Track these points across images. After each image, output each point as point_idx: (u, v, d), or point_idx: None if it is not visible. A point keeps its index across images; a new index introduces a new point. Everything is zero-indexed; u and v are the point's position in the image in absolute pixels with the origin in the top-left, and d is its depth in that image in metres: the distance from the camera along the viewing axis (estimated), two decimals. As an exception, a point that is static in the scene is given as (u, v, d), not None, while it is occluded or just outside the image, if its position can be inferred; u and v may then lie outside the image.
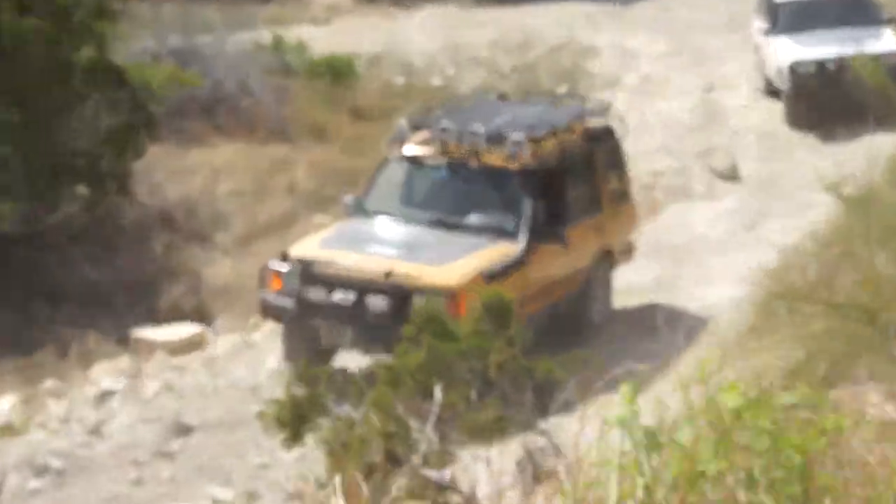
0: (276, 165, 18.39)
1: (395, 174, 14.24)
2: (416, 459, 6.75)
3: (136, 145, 16.14)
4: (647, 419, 3.50)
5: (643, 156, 18.03)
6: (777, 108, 19.97)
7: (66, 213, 16.39)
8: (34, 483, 10.98)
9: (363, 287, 12.77)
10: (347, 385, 7.85)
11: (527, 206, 13.63)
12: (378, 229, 13.76)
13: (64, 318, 14.26)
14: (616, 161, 14.94)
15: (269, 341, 13.87)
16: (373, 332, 12.60)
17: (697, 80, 21.38)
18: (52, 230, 16.30)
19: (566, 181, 14.14)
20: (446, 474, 6.65)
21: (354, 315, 12.71)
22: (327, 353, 13.19)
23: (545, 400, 7.03)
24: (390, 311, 12.56)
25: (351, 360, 12.77)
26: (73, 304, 13.97)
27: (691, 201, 18.10)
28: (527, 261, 13.39)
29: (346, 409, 6.92)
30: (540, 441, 7.22)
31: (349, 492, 6.67)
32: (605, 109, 15.09)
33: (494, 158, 13.69)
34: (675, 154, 19.17)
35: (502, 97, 15.95)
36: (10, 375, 13.07)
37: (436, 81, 21.92)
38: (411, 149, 14.03)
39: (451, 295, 12.47)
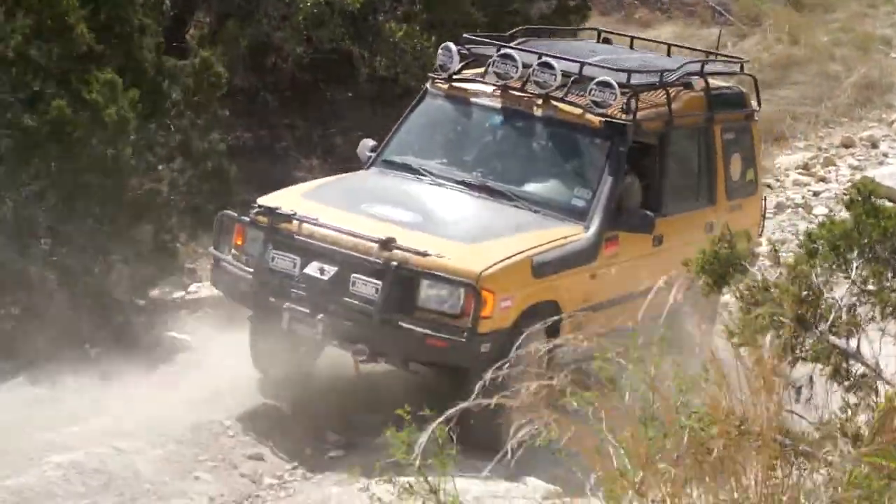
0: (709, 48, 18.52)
1: (431, 115, 10.64)
2: (824, 326, 7.07)
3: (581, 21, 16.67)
4: None
5: None
6: None
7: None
8: None
9: (349, 260, 9.17)
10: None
11: (608, 176, 9.87)
12: (394, 185, 10.12)
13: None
14: (743, 138, 11.32)
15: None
16: (353, 327, 9.10)
17: None
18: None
19: (669, 154, 10.42)
20: (853, 343, 6.96)
21: (331, 297, 9.14)
22: (310, 354, 10.02)
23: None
24: (383, 300, 8.98)
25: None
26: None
27: None
28: (597, 253, 9.79)
29: (762, 271, 7.30)
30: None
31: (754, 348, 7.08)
32: (736, 68, 11.84)
33: (571, 107, 10.13)
34: None
35: (606, 41, 11.94)
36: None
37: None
38: (457, 82, 10.61)
39: (471, 287, 8.86)
